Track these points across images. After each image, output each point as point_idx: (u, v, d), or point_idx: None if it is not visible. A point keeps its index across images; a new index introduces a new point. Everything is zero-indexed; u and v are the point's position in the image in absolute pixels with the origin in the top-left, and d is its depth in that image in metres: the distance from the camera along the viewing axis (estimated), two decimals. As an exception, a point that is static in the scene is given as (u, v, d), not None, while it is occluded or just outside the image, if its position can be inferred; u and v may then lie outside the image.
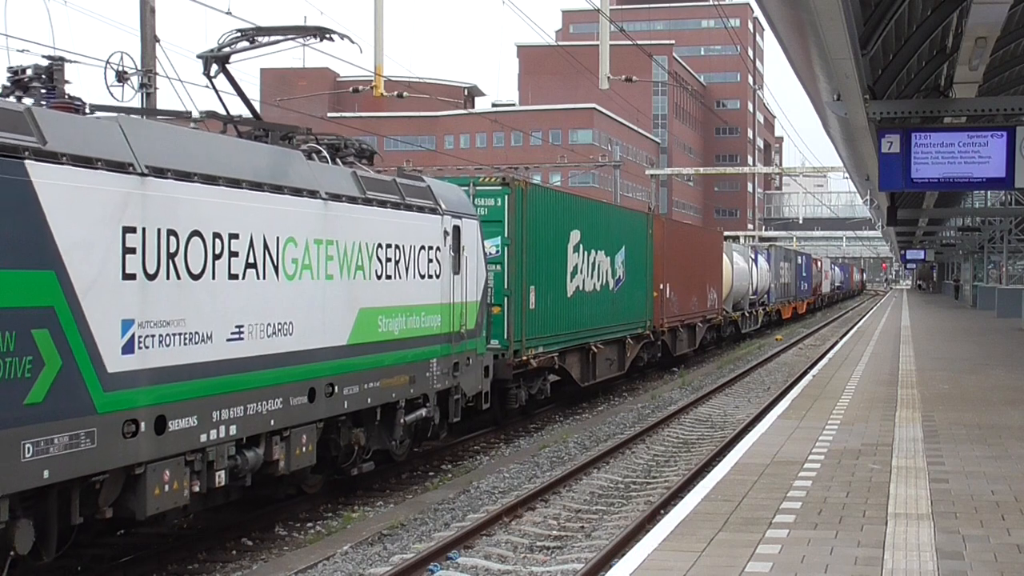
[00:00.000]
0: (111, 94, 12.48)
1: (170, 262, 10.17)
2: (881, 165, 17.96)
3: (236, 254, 11.16)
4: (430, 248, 15.30)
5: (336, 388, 12.86)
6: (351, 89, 44.32)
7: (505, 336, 19.72)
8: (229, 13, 20.74)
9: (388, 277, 14.09)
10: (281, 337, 11.88)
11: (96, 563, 11.50)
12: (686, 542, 8.38)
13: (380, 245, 13.89)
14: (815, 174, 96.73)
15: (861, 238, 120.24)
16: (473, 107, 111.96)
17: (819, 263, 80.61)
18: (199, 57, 13.63)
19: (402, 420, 14.64)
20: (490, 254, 18.71)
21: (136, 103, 16.79)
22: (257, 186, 11.56)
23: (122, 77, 11.02)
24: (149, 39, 18.03)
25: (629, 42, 35.46)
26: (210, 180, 10.76)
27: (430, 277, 15.29)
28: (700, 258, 36.42)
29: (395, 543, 12.30)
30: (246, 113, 14.39)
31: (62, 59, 10.49)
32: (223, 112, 13.49)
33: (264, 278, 11.65)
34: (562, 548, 12.16)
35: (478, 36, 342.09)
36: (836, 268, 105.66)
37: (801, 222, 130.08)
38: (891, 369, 22.99)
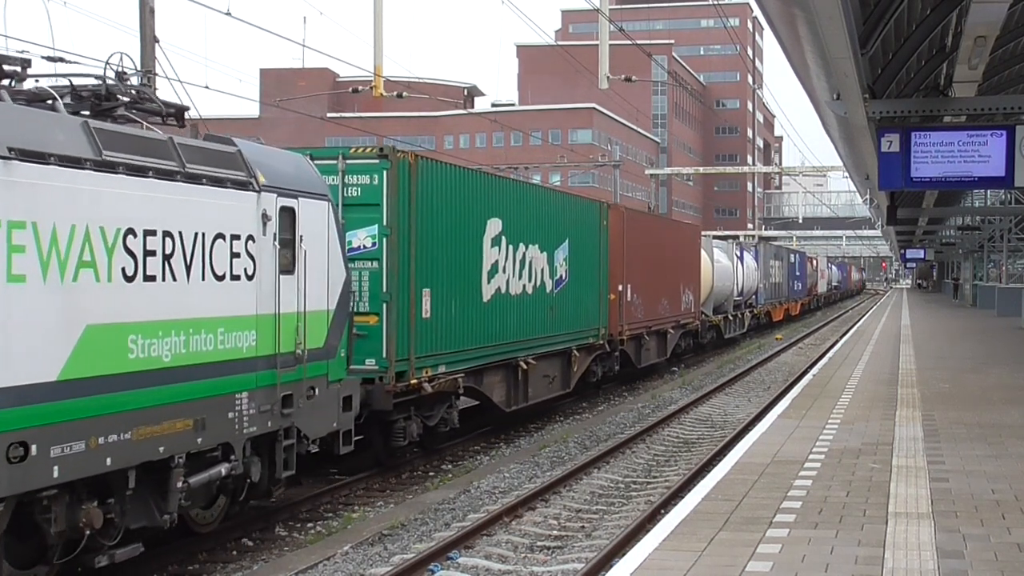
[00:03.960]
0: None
1: None
2: (881, 164, 17.96)
3: None
4: (235, 237, 11.27)
5: (35, 448, 8.79)
6: (351, 89, 44.32)
7: (384, 354, 15.44)
8: (228, 14, 20.75)
9: (150, 278, 10.06)
10: None
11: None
12: (687, 542, 8.38)
13: (132, 231, 9.84)
14: (815, 173, 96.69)
15: (861, 237, 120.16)
16: (473, 107, 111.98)
17: (814, 261, 78.80)
18: None
19: (180, 483, 10.51)
20: (364, 247, 15.41)
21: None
22: None
23: (122, 78, 11.02)
24: (148, 40, 18.03)
25: (628, 42, 35.44)
26: None
27: (236, 278, 11.25)
28: (672, 255, 31.97)
29: (396, 543, 12.31)
30: None
31: None
32: None
33: None
34: (562, 548, 12.17)
35: (478, 36, 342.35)
36: (833, 267, 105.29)
37: (801, 221, 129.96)
38: (891, 368, 22.99)
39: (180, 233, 10.49)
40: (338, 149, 15.93)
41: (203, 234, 10.81)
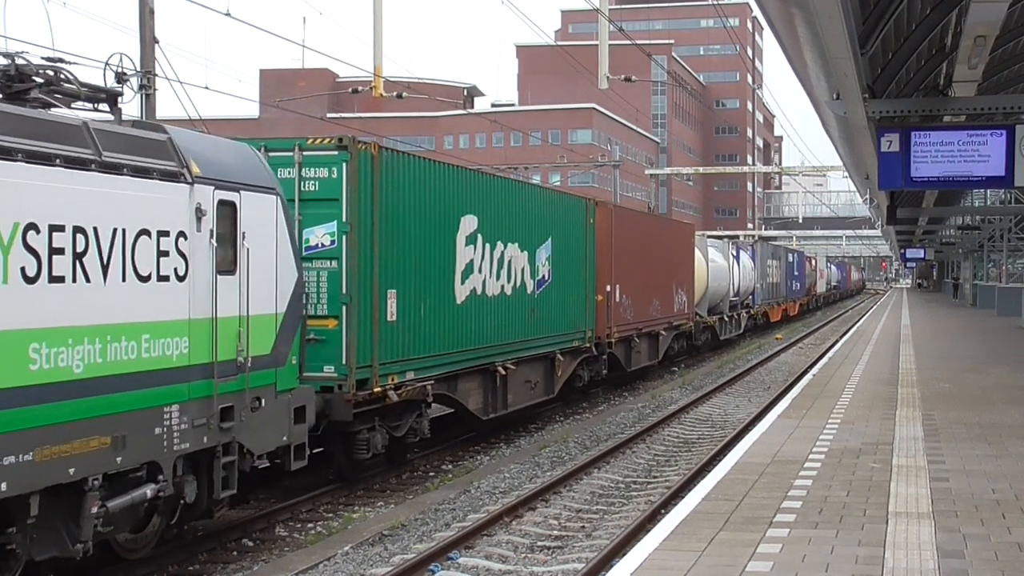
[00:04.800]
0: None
1: None
2: (881, 164, 17.96)
3: None
4: (163, 234, 10.26)
5: None
6: (350, 89, 44.36)
7: (343, 360, 14.36)
8: (228, 14, 20.77)
9: (56, 279, 9.01)
10: None
11: (97, 564, 11.49)
12: (687, 542, 8.38)
13: (35, 227, 8.82)
14: (815, 173, 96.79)
15: (861, 237, 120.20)
16: (472, 107, 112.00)
17: (813, 261, 78.05)
18: None
19: (95, 508, 9.45)
20: (322, 246, 14.41)
21: (136, 104, 16.79)
22: None
23: (121, 79, 11.01)
24: (148, 40, 18.04)
25: (628, 42, 35.46)
26: None
27: (164, 279, 10.26)
28: (664, 254, 31.01)
29: (396, 543, 12.31)
30: None
31: None
32: None
33: None
34: (563, 548, 12.17)
35: (478, 36, 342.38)
36: (832, 266, 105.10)
37: (801, 221, 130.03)
38: (891, 368, 22.98)
39: (95, 229, 9.40)
40: (294, 140, 14.84)
41: (123, 230, 9.74)
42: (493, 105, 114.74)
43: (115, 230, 9.65)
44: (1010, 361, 24.82)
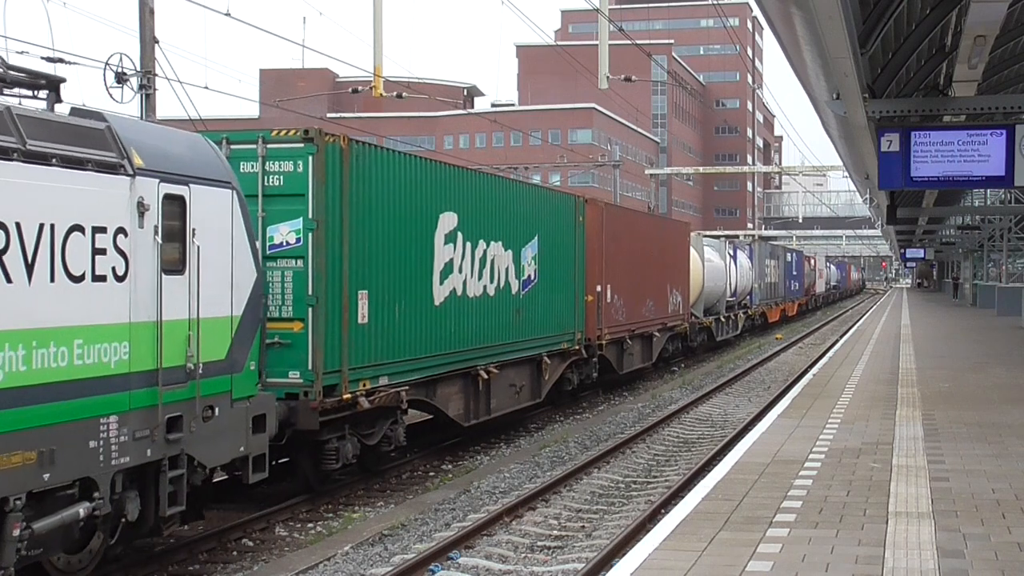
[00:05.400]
0: (110, 96, 12.48)
1: None
2: (880, 164, 17.97)
3: None
4: (99, 230, 9.48)
5: None
6: (350, 89, 44.40)
7: (309, 366, 13.55)
8: (228, 15, 20.77)
9: None
10: None
11: (97, 564, 11.50)
12: (687, 541, 8.38)
13: None
14: (815, 173, 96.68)
15: (861, 237, 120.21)
16: (472, 107, 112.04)
17: (812, 260, 77.42)
18: None
19: (19, 530, 8.70)
20: (287, 244, 13.59)
21: (136, 104, 16.79)
22: None
23: (121, 79, 11.01)
24: (148, 40, 18.03)
25: (628, 42, 35.45)
26: None
27: (100, 279, 9.48)
28: (658, 253, 30.25)
29: (396, 543, 12.31)
30: None
31: None
32: None
33: None
34: (563, 548, 12.17)
35: (477, 36, 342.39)
36: (832, 266, 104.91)
37: (801, 221, 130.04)
38: (891, 368, 22.99)
39: (17, 224, 8.58)
40: (257, 132, 13.91)
41: (52, 226, 8.90)
42: (493, 105, 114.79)
43: (42, 226, 8.83)
44: (1010, 361, 24.82)
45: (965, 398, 17.57)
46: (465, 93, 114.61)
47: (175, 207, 10.44)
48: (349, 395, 14.09)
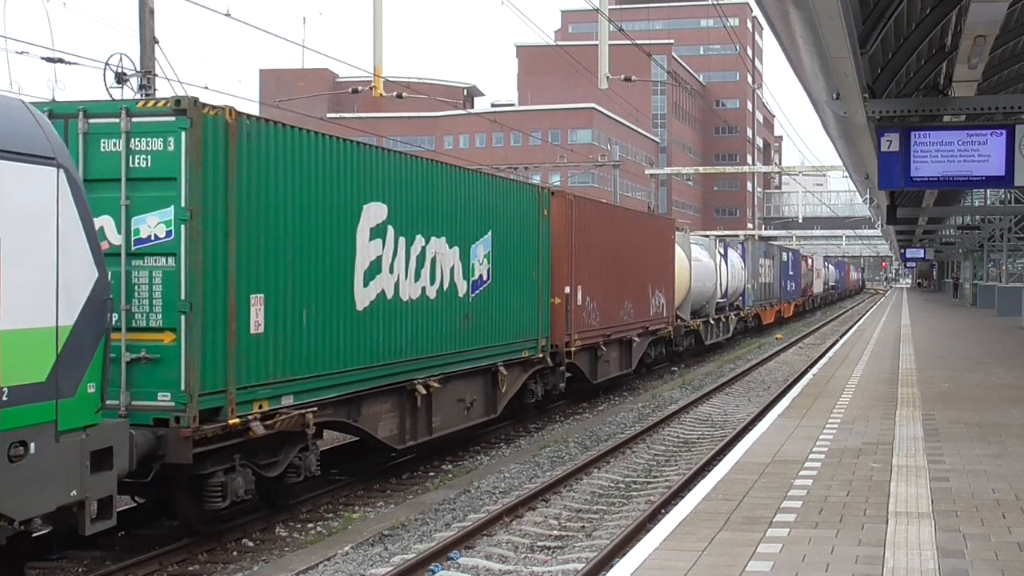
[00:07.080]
0: (111, 96, 12.50)
1: None
2: (880, 164, 17.97)
3: None
4: None
5: None
6: (350, 89, 44.38)
7: (182, 386, 11.14)
8: (228, 15, 20.79)
9: None
10: None
11: (97, 564, 11.50)
12: (687, 541, 8.38)
13: None
14: (814, 173, 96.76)
15: (861, 237, 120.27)
16: (472, 107, 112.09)
17: (809, 260, 75.90)
18: None
19: None
20: (155, 238, 11.23)
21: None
22: None
23: (121, 79, 11.01)
24: (148, 41, 18.05)
25: (628, 42, 35.45)
26: None
27: None
28: (638, 252, 27.87)
29: (396, 543, 12.31)
30: None
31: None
32: None
33: None
34: (563, 548, 12.17)
35: (477, 36, 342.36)
36: (830, 266, 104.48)
37: (801, 221, 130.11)
38: (891, 368, 22.99)
39: None
40: (121, 102, 11.63)
41: None
42: (493, 105, 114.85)
43: None
44: (1010, 361, 24.82)
45: (965, 398, 17.57)
46: (465, 93, 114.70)
47: None
48: (238, 419, 11.75)
